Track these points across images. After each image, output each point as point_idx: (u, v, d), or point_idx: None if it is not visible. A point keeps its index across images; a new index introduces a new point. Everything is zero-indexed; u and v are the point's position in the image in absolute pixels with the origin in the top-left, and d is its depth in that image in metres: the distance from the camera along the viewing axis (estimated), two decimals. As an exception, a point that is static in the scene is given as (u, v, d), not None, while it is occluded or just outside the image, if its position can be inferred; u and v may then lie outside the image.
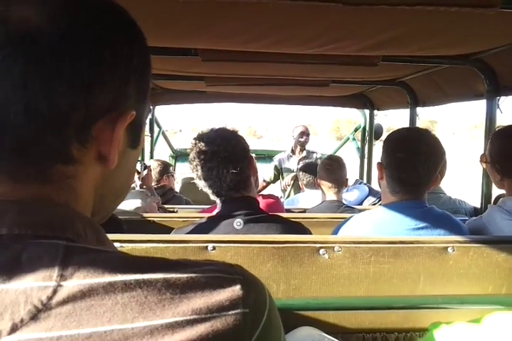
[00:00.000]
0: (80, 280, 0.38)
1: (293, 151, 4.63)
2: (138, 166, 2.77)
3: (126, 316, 0.37)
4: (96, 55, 0.43)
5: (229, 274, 0.42)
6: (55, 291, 0.38)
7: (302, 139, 4.57)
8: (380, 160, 1.58)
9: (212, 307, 0.39)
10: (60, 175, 0.44)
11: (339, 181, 2.53)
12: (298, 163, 4.51)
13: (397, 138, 1.56)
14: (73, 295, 0.38)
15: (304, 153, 4.58)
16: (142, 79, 0.49)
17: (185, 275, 0.41)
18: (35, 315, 0.37)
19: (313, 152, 4.68)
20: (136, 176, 2.77)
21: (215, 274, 0.42)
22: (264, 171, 4.56)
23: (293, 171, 4.50)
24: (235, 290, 0.41)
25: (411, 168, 1.48)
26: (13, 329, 0.36)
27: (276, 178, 4.68)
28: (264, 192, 4.26)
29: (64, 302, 0.37)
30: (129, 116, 0.47)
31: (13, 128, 0.41)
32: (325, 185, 2.54)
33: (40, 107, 0.41)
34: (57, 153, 0.43)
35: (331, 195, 2.52)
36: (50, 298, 0.37)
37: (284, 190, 4.36)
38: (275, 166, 4.64)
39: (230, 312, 0.40)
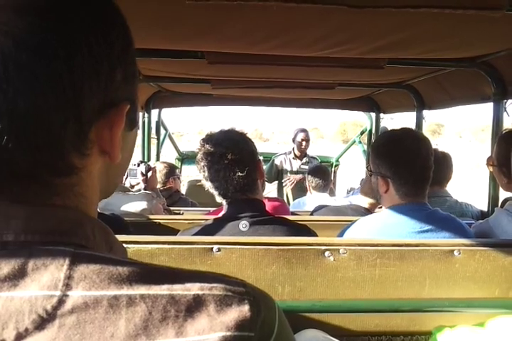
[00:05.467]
0: (85, 291, 0.38)
1: (295, 154, 4.66)
2: (142, 168, 2.77)
3: (130, 332, 0.37)
4: (75, 58, 0.40)
5: (239, 294, 0.41)
6: (60, 301, 0.37)
7: (303, 146, 4.63)
8: (381, 173, 1.54)
9: (216, 327, 0.38)
10: (65, 187, 0.44)
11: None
12: (299, 167, 4.57)
13: (394, 144, 1.55)
14: (78, 307, 0.37)
15: (306, 158, 4.63)
16: (127, 63, 0.46)
17: (191, 293, 0.39)
18: (39, 325, 0.36)
19: (314, 158, 4.73)
20: (141, 178, 2.77)
21: (224, 293, 0.40)
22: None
23: (294, 173, 4.55)
24: (242, 311, 0.40)
25: (419, 166, 1.49)
26: (18, 338, 0.36)
27: (274, 179, 4.70)
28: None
29: (68, 313, 0.37)
30: (124, 111, 0.45)
31: (2, 150, 0.39)
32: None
33: (29, 127, 0.39)
34: (58, 169, 0.42)
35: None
36: (55, 308, 0.37)
37: (284, 187, 4.42)
38: (275, 165, 4.66)
39: (235, 334, 0.38)
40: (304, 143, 4.63)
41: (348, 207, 2.31)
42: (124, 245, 0.50)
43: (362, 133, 4.74)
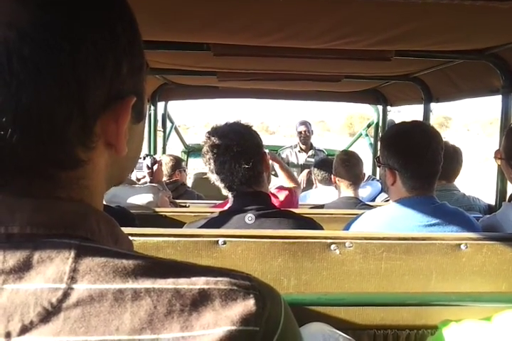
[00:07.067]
0: (90, 284, 0.38)
1: (301, 148, 4.66)
2: (148, 161, 2.77)
3: (134, 326, 0.37)
4: (79, 51, 0.40)
5: (244, 288, 0.40)
6: (65, 294, 0.37)
7: (303, 138, 4.65)
8: (389, 165, 1.53)
9: (221, 322, 0.38)
10: (70, 180, 0.43)
11: (358, 177, 2.51)
12: (305, 160, 4.56)
13: (403, 136, 1.54)
14: (83, 300, 0.37)
15: (312, 151, 4.62)
16: (134, 56, 0.45)
17: (196, 287, 0.39)
18: (44, 318, 0.36)
19: (320, 150, 4.72)
20: (146, 171, 2.77)
21: (229, 287, 0.40)
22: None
23: (300, 166, 4.54)
24: (247, 306, 0.39)
25: (427, 160, 1.48)
26: (23, 330, 0.36)
27: None
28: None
29: (73, 306, 0.37)
30: (129, 104, 0.44)
31: (6, 143, 0.39)
32: (343, 181, 2.50)
33: (32, 120, 0.39)
34: (63, 163, 0.42)
35: (348, 192, 2.49)
36: (60, 301, 0.37)
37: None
38: (282, 159, 4.66)
39: (240, 328, 0.38)
40: (303, 133, 4.64)
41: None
42: (130, 238, 0.50)
43: (369, 126, 4.71)
